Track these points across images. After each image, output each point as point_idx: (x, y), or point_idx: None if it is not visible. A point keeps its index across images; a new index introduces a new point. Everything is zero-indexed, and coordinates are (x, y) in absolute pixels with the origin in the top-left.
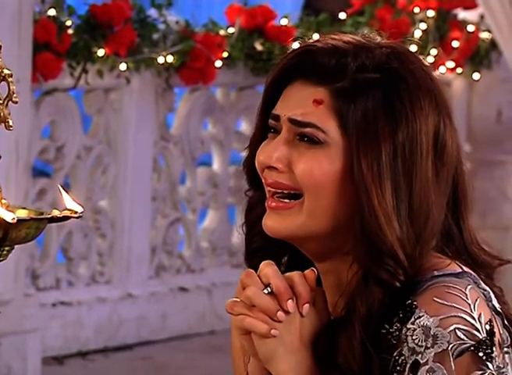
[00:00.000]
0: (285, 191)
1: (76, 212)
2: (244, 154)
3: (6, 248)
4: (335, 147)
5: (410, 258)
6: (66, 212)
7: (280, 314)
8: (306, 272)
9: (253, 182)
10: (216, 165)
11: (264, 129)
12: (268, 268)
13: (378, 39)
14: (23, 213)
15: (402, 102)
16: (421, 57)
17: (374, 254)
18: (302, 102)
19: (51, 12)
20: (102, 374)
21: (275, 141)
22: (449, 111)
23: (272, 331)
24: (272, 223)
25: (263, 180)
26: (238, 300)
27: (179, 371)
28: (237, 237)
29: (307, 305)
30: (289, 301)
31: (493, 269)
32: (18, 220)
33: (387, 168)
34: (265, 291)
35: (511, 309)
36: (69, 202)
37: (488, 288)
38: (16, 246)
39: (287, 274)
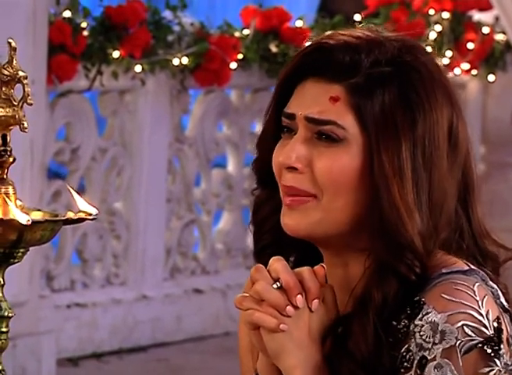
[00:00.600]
0: (301, 195)
1: (90, 214)
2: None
3: (21, 250)
4: (354, 143)
5: (426, 250)
6: (81, 214)
7: (289, 309)
8: (315, 267)
9: (261, 181)
10: (231, 166)
11: (275, 128)
12: (277, 263)
13: (386, 33)
14: (37, 215)
15: (418, 94)
16: (428, 49)
17: (393, 247)
18: (318, 100)
19: (67, 13)
20: None
21: (293, 140)
22: (458, 102)
23: (281, 326)
24: (292, 222)
25: (279, 182)
26: (247, 295)
27: (193, 373)
28: (252, 239)
29: (316, 301)
30: (299, 296)
31: (500, 263)
32: (33, 222)
33: (407, 161)
34: (274, 286)
35: None
36: (82, 204)
37: (495, 286)
38: (30, 248)
39: (297, 269)
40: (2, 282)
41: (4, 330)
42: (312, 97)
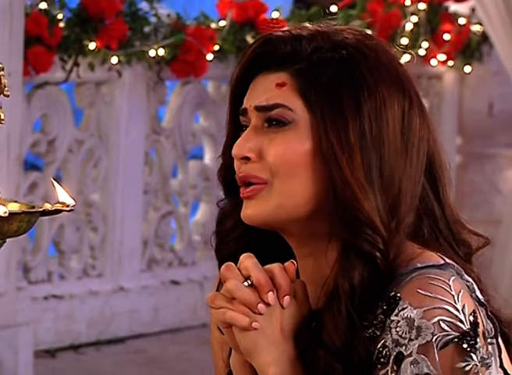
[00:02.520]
0: (253, 182)
1: (67, 206)
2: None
3: None
4: (303, 125)
5: (387, 228)
6: (58, 205)
7: (261, 306)
8: (286, 264)
9: (227, 190)
10: (208, 158)
11: (236, 134)
12: (247, 260)
13: (342, 27)
14: (14, 207)
15: (361, 73)
16: (379, 39)
17: (351, 224)
18: (266, 89)
19: (43, 5)
20: (94, 367)
21: (245, 132)
22: (414, 87)
23: (253, 324)
24: (250, 211)
25: (238, 181)
26: (218, 293)
27: (171, 364)
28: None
29: (287, 297)
30: (270, 293)
31: (473, 250)
32: (9, 214)
33: (355, 138)
34: (245, 284)
35: (491, 297)
36: (62, 195)
37: (471, 279)
38: (7, 240)
39: (267, 266)
40: None
41: None
42: (261, 88)
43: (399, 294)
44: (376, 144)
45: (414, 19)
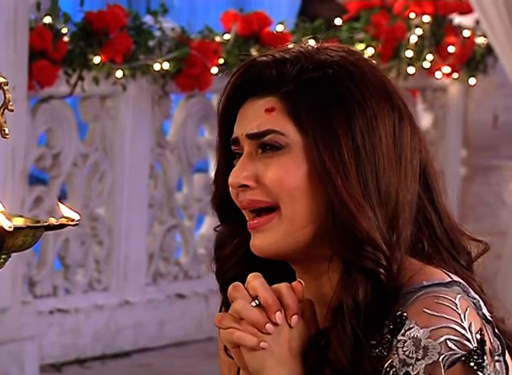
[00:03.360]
0: (262, 207)
1: (72, 220)
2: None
3: (3, 257)
4: (297, 148)
5: (388, 243)
6: (63, 219)
7: (269, 326)
8: (293, 283)
9: (223, 217)
10: (213, 171)
11: (228, 161)
12: (255, 280)
13: (321, 45)
14: (19, 221)
15: (349, 90)
16: (368, 54)
17: (351, 243)
18: (255, 115)
19: (47, 19)
20: None
21: (240, 160)
22: (402, 98)
23: (261, 344)
24: (260, 243)
25: (239, 205)
26: (226, 313)
27: None
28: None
29: (295, 317)
30: (278, 312)
31: (473, 258)
32: (15, 228)
33: (349, 155)
34: (253, 304)
35: (495, 310)
36: (67, 211)
37: (477, 296)
38: (12, 254)
39: (274, 286)
40: None
41: None
42: (250, 115)
43: (405, 314)
44: (371, 159)
45: (419, 31)
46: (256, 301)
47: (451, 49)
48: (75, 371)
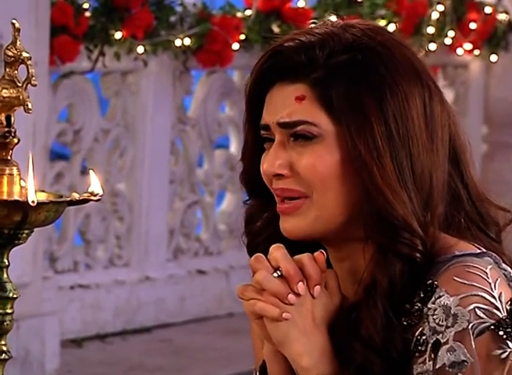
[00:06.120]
0: (294, 196)
1: (95, 195)
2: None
3: (25, 232)
4: (330, 137)
5: (423, 225)
6: (85, 194)
7: (291, 297)
8: (315, 254)
9: (252, 192)
10: (233, 147)
11: (256, 139)
12: (277, 251)
13: (346, 22)
14: (42, 196)
15: (379, 73)
16: (391, 30)
17: (388, 230)
18: (285, 103)
19: None
20: (121, 357)
21: (272, 148)
22: (430, 74)
23: (284, 314)
24: (289, 226)
25: (272, 191)
26: (249, 285)
27: (197, 353)
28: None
29: (318, 287)
30: (300, 283)
31: (502, 228)
32: (37, 203)
33: (383, 141)
34: (275, 275)
35: None
36: (95, 184)
37: (508, 268)
38: (34, 229)
39: (296, 257)
40: (7, 263)
41: (9, 311)
42: (280, 102)
43: (436, 282)
44: (405, 144)
45: (440, 8)
46: (278, 272)
47: (473, 26)
48: (95, 346)
